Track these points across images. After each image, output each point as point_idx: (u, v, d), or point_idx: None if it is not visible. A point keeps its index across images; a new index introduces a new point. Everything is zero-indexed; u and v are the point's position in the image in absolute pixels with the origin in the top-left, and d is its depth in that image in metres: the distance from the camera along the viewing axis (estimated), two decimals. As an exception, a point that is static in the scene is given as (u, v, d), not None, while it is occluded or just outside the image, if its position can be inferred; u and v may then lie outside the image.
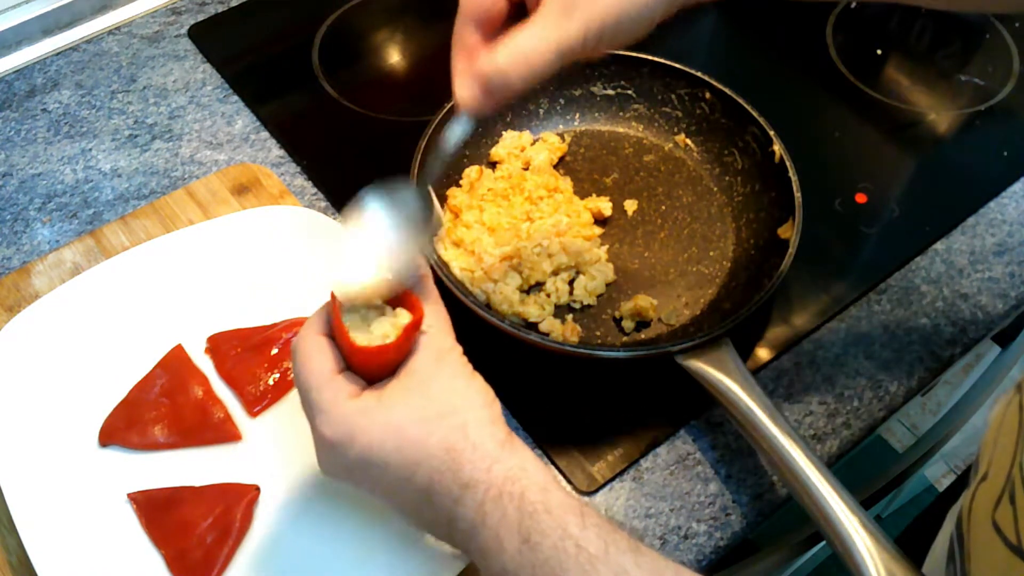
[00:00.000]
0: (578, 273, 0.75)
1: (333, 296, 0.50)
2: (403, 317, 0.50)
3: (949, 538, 0.53)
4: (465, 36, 0.50)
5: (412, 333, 0.49)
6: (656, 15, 0.50)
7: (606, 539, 0.45)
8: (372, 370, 0.50)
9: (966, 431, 1.04)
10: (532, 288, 0.74)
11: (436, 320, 0.50)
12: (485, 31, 0.50)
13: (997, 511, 0.45)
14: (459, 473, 0.46)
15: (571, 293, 0.74)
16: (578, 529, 0.45)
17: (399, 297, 0.51)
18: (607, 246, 0.77)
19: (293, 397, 0.68)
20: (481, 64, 0.49)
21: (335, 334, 0.50)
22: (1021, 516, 0.42)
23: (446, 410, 0.47)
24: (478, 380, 0.50)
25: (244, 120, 0.88)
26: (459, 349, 0.50)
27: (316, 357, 0.49)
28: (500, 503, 0.45)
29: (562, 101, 0.85)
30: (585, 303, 0.74)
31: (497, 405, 0.49)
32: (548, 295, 0.73)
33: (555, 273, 0.74)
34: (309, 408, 0.49)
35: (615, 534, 0.46)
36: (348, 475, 0.49)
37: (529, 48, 0.48)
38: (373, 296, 0.51)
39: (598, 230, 0.77)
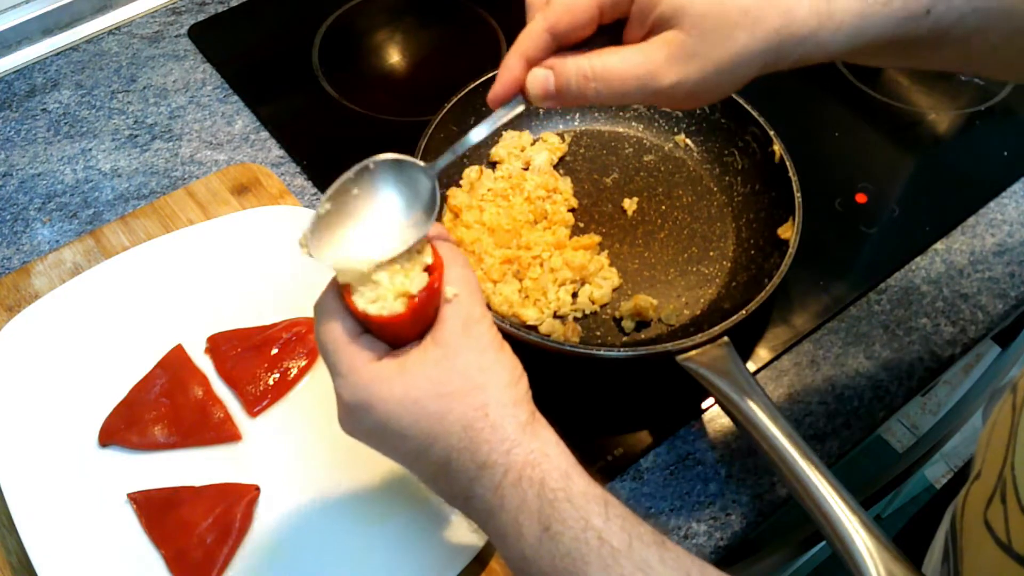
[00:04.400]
0: (583, 283, 0.74)
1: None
2: (421, 280, 0.47)
3: (945, 538, 0.53)
4: (536, 36, 0.50)
5: (427, 302, 0.47)
6: (740, 85, 0.50)
7: (630, 532, 0.44)
8: (388, 338, 0.48)
9: (966, 431, 1.04)
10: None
11: (465, 286, 0.48)
12: (558, 42, 0.51)
13: (989, 510, 0.45)
14: (476, 453, 0.45)
15: (574, 302, 0.73)
16: (601, 520, 0.44)
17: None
18: (607, 248, 0.77)
19: (293, 397, 0.68)
20: (568, 66, 0.50)
21: (346, 303, 0.48)
22: (1012, 515, 0.42)
23: (468, 386, 0.46)
24: (506, 354, 0.48)
25: (244, 120, 0.88)
26: (489, 318, 0.48)
27: (335, 319, 0.48)
28: (519, 488, 0.44)
29: (562, 101, 0.85)
30: (587, 311, 0.74)
31: (524, 383, 0.48)
32: (549, 302, 0.73)
33: (558, 284, 0.74)
34: (330, 370, 0.48)
35: (640, 527, 0.45)
36: (367, 438, 0.48)
37: (618, 72, 0.49)
38: (368, 273, 0.48)
39: (596, 238, 0.77)
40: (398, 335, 0.48)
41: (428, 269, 0.48)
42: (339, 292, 0.48)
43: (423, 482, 0.49)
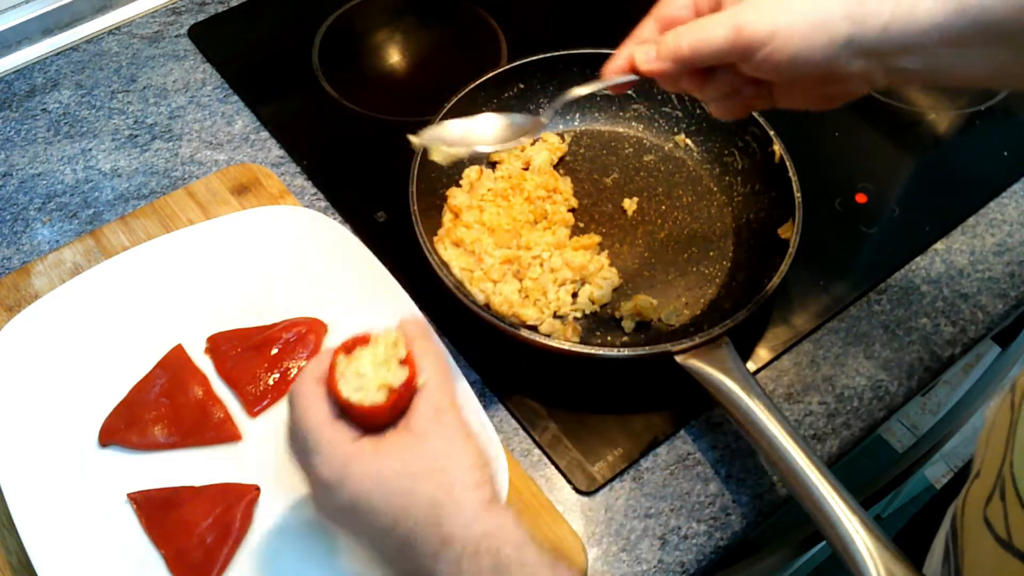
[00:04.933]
0: (583, 283, 0.74)
1: (335, 352, 0.52)
2: (402, 375, 0.51)
3: (945, 538, 0.53)
4: (644, 24, 0.60)
5: (405, 394, 0.51)
6: (828, 61, 0.52)
7: None
8: (364, 424, 0.51)
9: (966, 431, 1.04)
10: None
11: (436, 375, 0.52)
12: (663, 26, 0.59)
13: (988, 508, 0.45)
14: (440, 528, 0.47)
15: (574, 302, 0.73)
16: None
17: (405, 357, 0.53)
18: (607, 248, 0.77)
19: (293, 397, 0.68)
20: (667, 34, 0.57)
21: (330, 389, 0.51)
22: (1011, 512, 0.42)
23: (436, 468, 0.49)
24: (472, 443, 0.51)
25: (244, 120, 0.88)
26: (457, 408, 0.52)
27: (316, 403, 0.51)
28: (477, 559, 0.46)
29: (562, 101, 0.85)
30: (587, 311, 0.74)
31: (488, 468, 0.50)
32: (549, 302, 0.73)
33: (559, 284, 0.74)
34: (306, 451, 0.50)
35: None
36: (340, 518, 0.51)
37: (708, 23, 0.54)
38: (459, 154, 0.61)
39: (596, 238, 0.77)
40: (374, 422, 0.51)
41: (403, 362, 0.51)
42: (319, 378, 0.52)
43: (385, 564, 0.50)
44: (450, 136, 0.62)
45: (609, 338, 0.73)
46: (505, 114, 0.64)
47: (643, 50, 0.58)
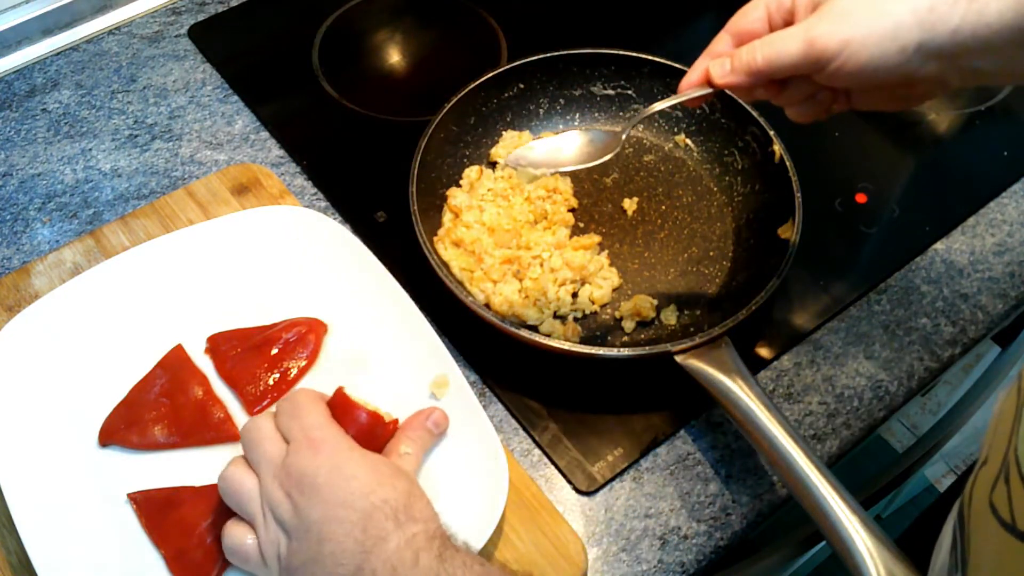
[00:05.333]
0: (583, 283, 0.74)
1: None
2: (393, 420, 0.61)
3: (952, 528, 0.53)
4: (719, 39, 0.62)
5: (391, 433, 0.60)
6: (901, 67, 0.54)
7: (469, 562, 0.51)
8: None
9: (966, 431, 1.04)
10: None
11: (419, 449, 0.60)
12: (738, 41, 0.61)
13: (994, 493, 0.45)
14: (410, 510, 0.52)
15: (574, 302, 0.73)
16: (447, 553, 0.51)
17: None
18: (607, 248, 0.77)
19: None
20: (741, 48, 0.59)
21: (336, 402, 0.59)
22: (1015, 495, 0.42)
23: (403, 477, 0.55)
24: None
25: (244, 120, 0.88)
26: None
27: (320, 397, 0.59)
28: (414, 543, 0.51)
29: (562, 101, 0.85)
30: (587, 311, 0.74)
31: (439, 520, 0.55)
32: (549, 302, 0.73)
33: (559, 284, 0.74)
34: (300, 417, 0.56)
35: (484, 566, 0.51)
36: (316, 473, 0.53)
37: (781, 36, 0.56)
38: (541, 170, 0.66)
39: (596, 238, 0.77)
40: (368, 432, 0.58)
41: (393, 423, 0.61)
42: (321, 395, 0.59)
43: (338, 541, 0.51)
44: (535, 157, 0.67)
45: (609, 338, 0.73)
46: (587, 131, 0.68)
47: (718, 63, 0.59)
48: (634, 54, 0.83)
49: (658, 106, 0.65)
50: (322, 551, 0.50)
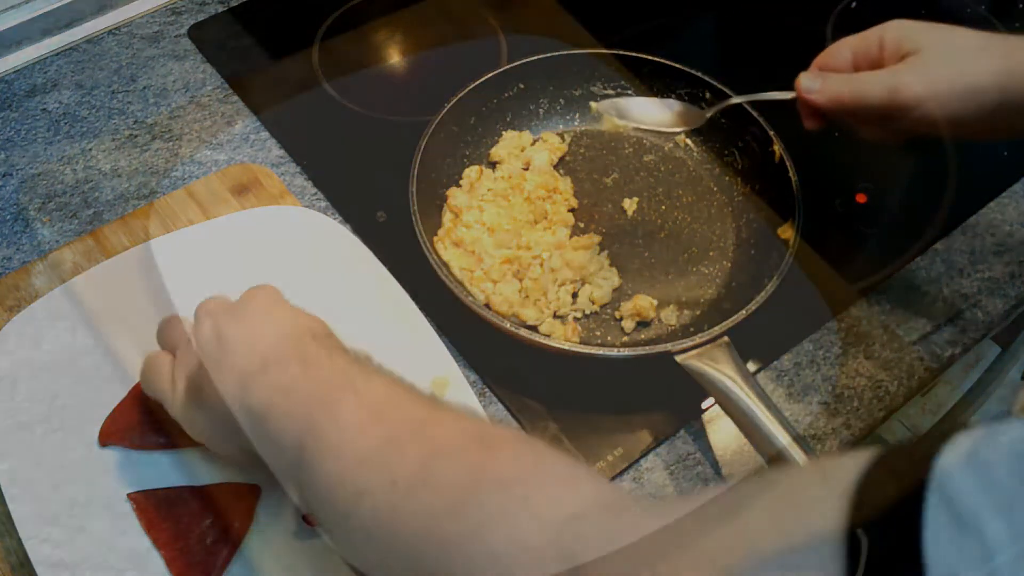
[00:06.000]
0: (583, 283, 0.74)
1: None
2: None
3: None
4: (809, 71, 0.68)
5: None
6: (980, 122, 0.59)
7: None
8: None
9: (966, 431, 1.04)
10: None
11: None
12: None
13: None
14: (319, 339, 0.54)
15: (574, 302, 0.73)
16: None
17: None
18: (607, 249, 0.77)
19: (293, 397, 0.67)
20: (832, 79, 0.65)
21: None
22: None
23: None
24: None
25: (244, 120, 0.88)
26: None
27: None
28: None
29: (562, 101, 0.85)
30: (587, 311, 0.74)
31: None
32: (549, 302, 0.73)
33: (559, 284, 0.74)
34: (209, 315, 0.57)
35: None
36: (236, 323, 0.55)
37: (868, 76, 0.63)
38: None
39: (596, 238, 0.77)
40: None
41: None
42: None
43: (272, 391, 0.51)
44: (625, 109, 0.77)
45: (609, 338, 0.73)
46: (681, 102, 0.78)
47: (809, 77, 0.66)
48: (634, 54, 0.83)
49: (736, 99, 0.75)
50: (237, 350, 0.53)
